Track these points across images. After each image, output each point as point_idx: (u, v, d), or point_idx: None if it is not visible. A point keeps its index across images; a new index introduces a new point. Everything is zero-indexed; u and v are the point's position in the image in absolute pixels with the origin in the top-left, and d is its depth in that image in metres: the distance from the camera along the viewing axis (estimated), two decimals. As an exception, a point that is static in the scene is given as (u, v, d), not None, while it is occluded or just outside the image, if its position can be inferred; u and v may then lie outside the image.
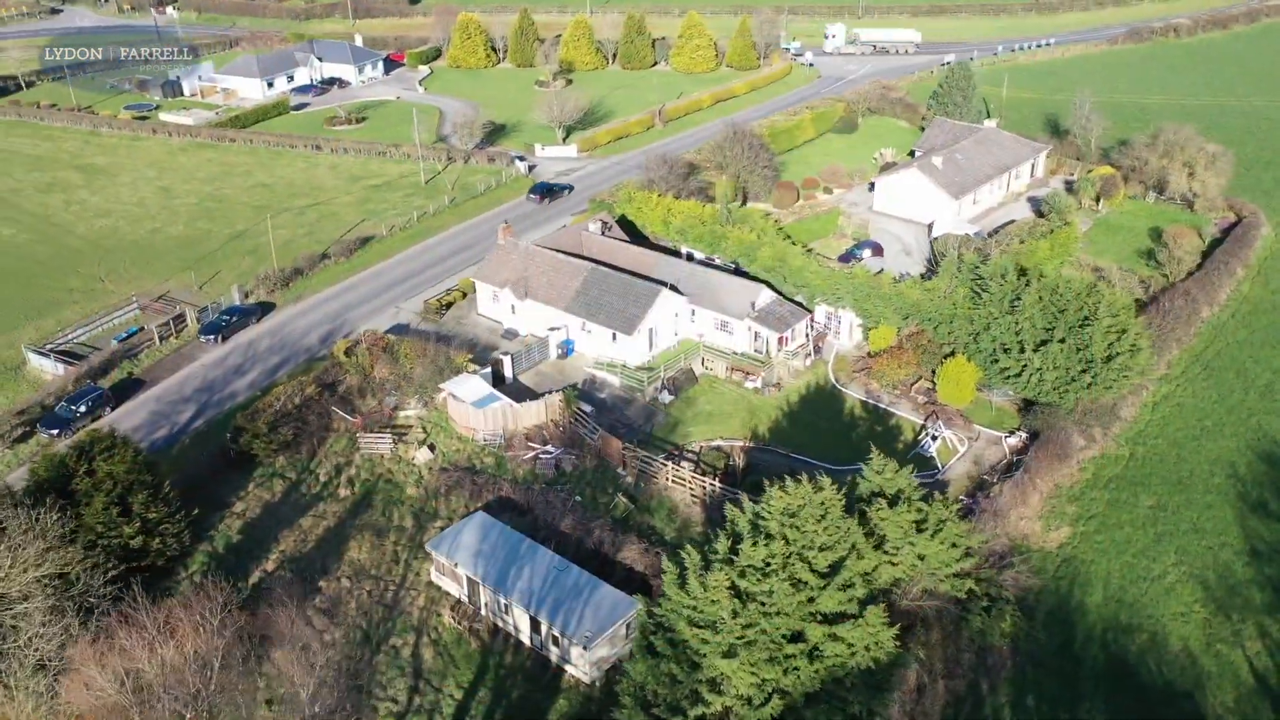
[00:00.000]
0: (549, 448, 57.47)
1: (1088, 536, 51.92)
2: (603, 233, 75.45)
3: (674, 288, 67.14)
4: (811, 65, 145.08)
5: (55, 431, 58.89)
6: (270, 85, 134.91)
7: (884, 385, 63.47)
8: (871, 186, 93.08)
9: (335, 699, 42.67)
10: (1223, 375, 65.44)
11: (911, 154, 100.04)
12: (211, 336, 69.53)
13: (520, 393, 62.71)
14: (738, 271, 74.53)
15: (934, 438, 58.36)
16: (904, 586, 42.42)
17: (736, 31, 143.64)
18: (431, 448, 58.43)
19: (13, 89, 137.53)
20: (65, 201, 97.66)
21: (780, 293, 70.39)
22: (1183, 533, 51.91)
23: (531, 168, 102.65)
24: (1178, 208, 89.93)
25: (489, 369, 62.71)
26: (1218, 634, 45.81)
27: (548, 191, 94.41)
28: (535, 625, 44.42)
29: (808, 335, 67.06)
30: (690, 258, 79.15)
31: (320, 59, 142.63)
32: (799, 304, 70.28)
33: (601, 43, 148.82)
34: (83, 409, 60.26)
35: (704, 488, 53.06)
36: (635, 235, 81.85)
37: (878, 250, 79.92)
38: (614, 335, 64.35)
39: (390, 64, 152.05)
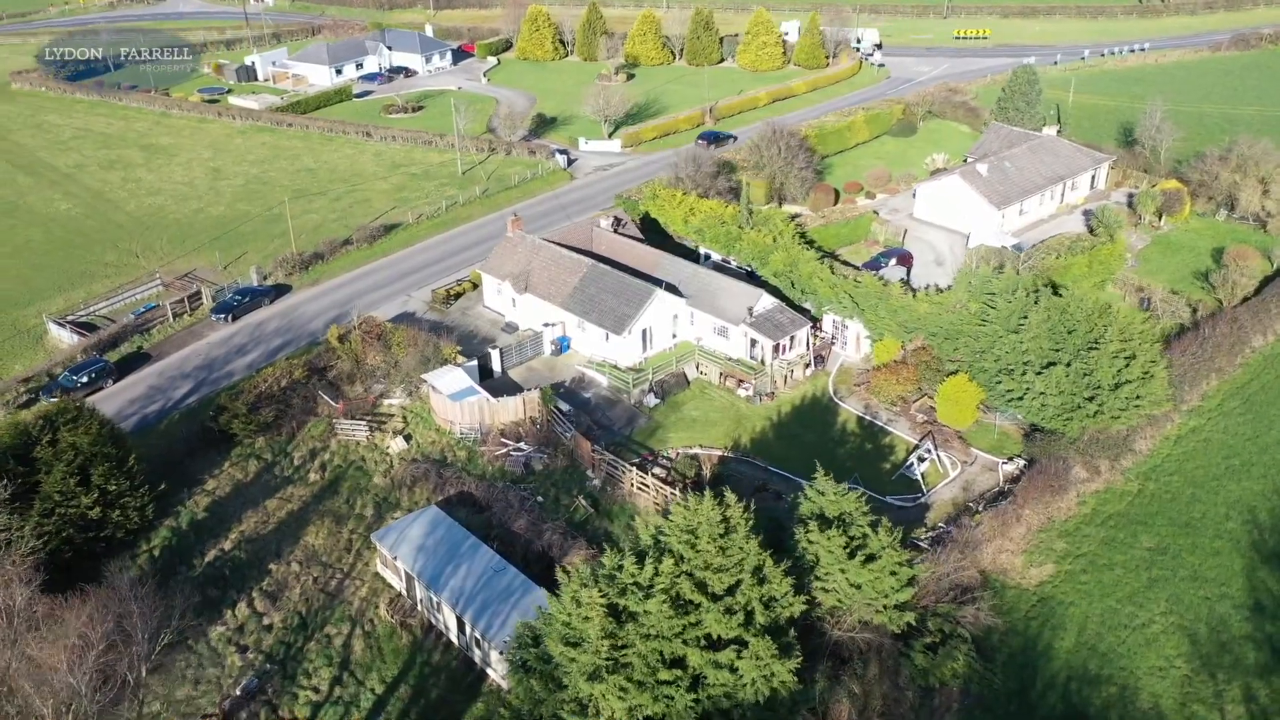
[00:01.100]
0: (522, 445, 56.54)
1: (1072, 576, 48.20)
2: (615, 229, 74.12)
3: (674, 289, 65.44)
4: (882, 65, 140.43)
5: (54, 400, 60.76)
6: (339, 72, 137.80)
7: (883, 401, 60.50)
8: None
9: (258, 683, 42.98)
10: (1264, 411, 60.13)
11: (965, 160, 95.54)
12: (223, 316, 70.94)
13: (508, 388, 62.07)
14: (751, 275, 72.39)
15: (921, 459, 55.22)
16: (838, 616, 39.98)
17: (805, 29, 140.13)
18: (407, 438, 58.20)
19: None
20: (123, 179, 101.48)
21: (788, 299, 68.04)
22: (1180, 579, 47.71)
23: (571, 161, 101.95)
24: (1249, 227, 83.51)
25: (474, 362, 62.17)
26: (1197, 693, 41.83)
27: (715, 138, 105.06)
28: (462, 625, 43.56)
29: (809, 344, 64.40)
30: (707, 258, 77.38)
31: (390, 48, 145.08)
32: (806, 312, 67.76)
33: (669, 38, 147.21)
34: (84, 379, 62.12)
35: (665, 496, 51.31)
36: (660, 233, 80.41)
37: (904, 260, 76.41)
38: (607, 334, 63.05)
39: (460, 55, 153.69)
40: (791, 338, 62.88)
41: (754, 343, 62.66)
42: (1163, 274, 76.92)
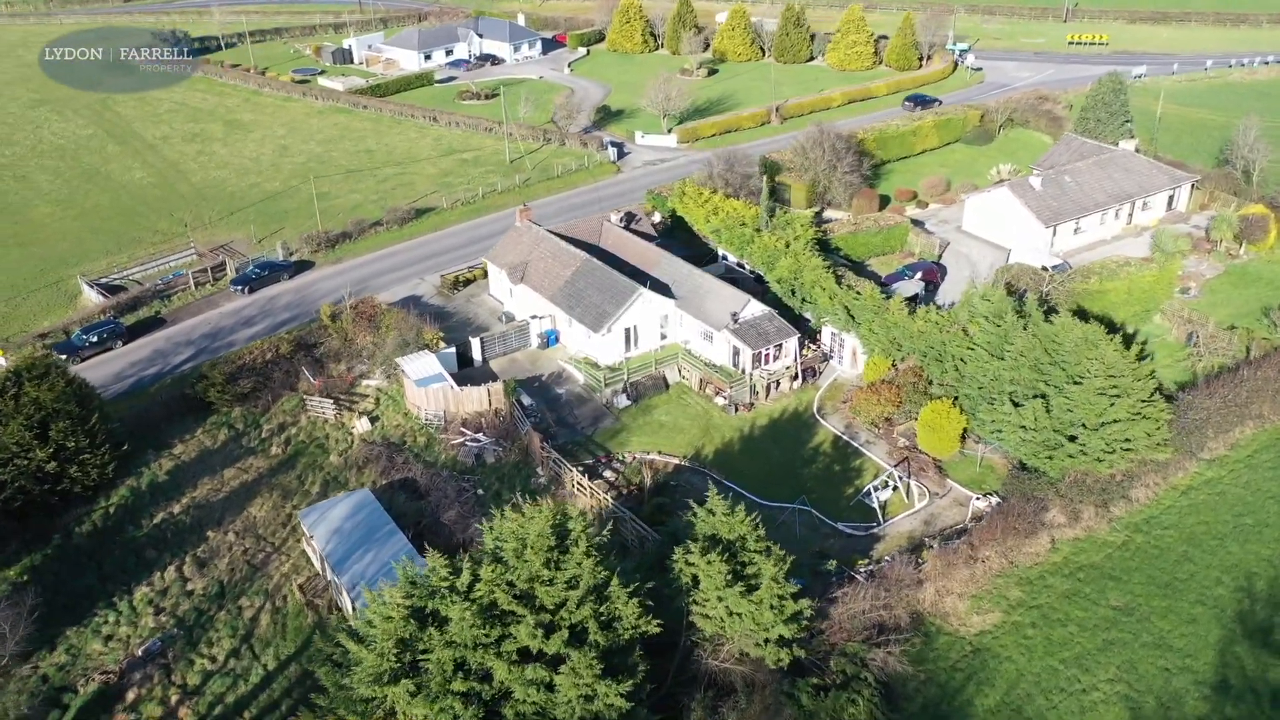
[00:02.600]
0: (480, 436, 55.99)
1: (1018, 628, 44.11)
2: (627, 225, 72.65)
3: (665, 290, 63.59)
4: (979, 69, 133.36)
5: (64, 357, 63.88)
6: (427, 58, 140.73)
7: (864, 422, 57.06)
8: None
9: (160, 646, 43.91)
10: (1300, 467, 53.87)
11: (1031, 172, 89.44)
12: (240, 287, 73.23)
13: (487, 378, 61.60)
14: (760, 280, 69.77)
15: (884, 486, 51.67)
16: (717, 644, 37.68)
17: (898, 29, 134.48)
18: (373, 419, 58.54)
19: (213, 49, 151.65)
20: (198, 152, 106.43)
21: (789, 308, 65.23)
22: (1140, 645, 42.96)
23: (622, 155, 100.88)
24: (1343, 262, 75.07)
25: (452, 349, 62.01)
26: (1121, 775, 37.64)
27: (921, 101, 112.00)
28: (354, 609, 43.26)
29: (797, 356, 61.37)
30: (724, 260, 75.14)
31: (480, 35, 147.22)
32: (806, 322, 64.77)
33: (759, 34, 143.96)
34: (94, 339, 65.19)
35: (598, 501, 49.77)
36: (687, 231, 78.56)
37: (930, 274, 72.08)
38: (589, 331, 61.80)
39: (552, 45, 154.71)
40: (777, 347, 60.04)
41: (737, 350, 60.18)
42: (1228, 307, 69.88)
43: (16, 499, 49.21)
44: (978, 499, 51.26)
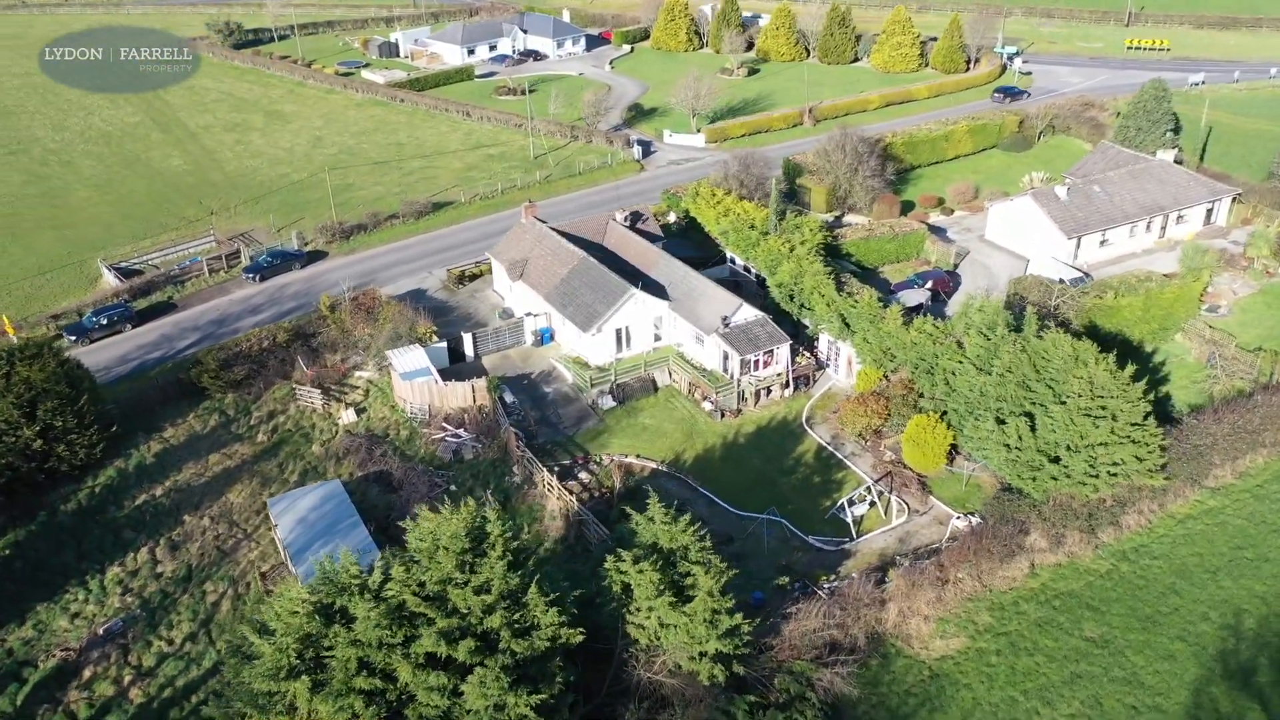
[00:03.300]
0: (460, 432, 55.95)
1: (982, 655, 42.45)
2: (633, 224, 71.98)
3: (661, 291, 62.82)
4: (1028, 73, 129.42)
5: (74, 338, 65.78)
6: (471, 53, 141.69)
7: (851, 433, 55.61)
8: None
9: (121, 626, 44.71)
10: (1312, 498, 50.99)
11: (1064, 181, 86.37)
12: (252, 275, 74.41)
13: (478, 373, 61.61)
14: (762, 285, 68.59)
15: (860, 500, 50.22)
16: (651, 655, 36.91)
17: (945, 30, 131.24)
18: (359, 411, 58.91)
19: (265, 40, 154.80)
20: (236, 141, 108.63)
21: (787, 315, 63.99)
22: (1110, 680, 41.00)
23: (648, 153, 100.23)
24: (1390, 284, 71.01)
25: (443, 344, 62.10)
26: (1069, 816, 35.90)
27: (1010, 93, 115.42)
28: (307, 602, 43.49)
29: (790, 363, 60.06)
30: (733, 262, 74.10)
31: (525, 31, 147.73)
32: (803, 329, 63.46)
33: (803, 34, 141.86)
34: (104, 322, 66.81)
35: (565, 502, 49.30)
36: (701, 232, 77.63)
37: (942, 283, 70.00)
38: (580, 330, 61.35)
39: (598, 41, 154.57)
40: (768, 353, 58.83)
41: (727, 355, 59.14)
42: (1258, 328, 66.65)
43: (4, 475, 50.56)
44: (958, 518, 49.55)
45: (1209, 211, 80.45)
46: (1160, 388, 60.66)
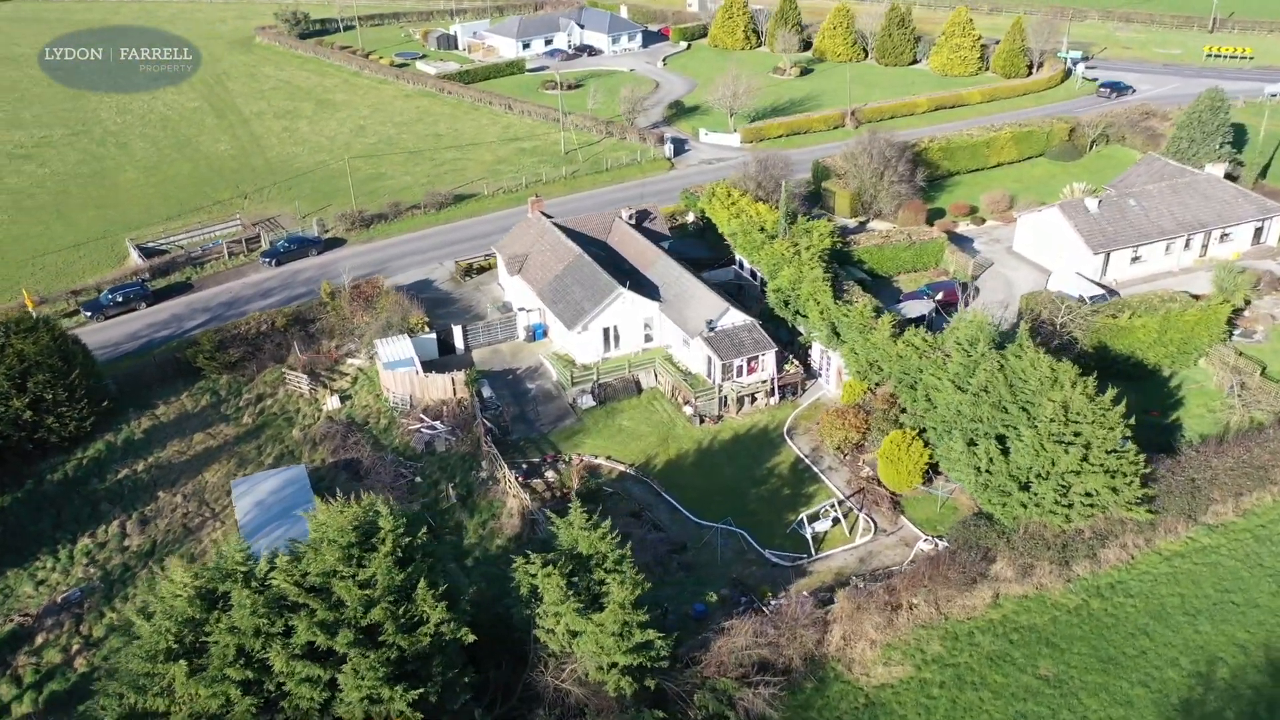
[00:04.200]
0: (436, 424, 56.07)
1: (924, 686, 40.62)
2: (639, 223, 71.18)
3: (657, 291, 61.94)
4: (1093, 79, 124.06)
5: (90, 314, 68.09)
6: (526, 46, 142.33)
7: (831, 446, 53.92)
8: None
9: (79, 595, 45.99)
10: (1319, 544, 47.48)
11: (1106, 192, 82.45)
12: (269, 260, 75.95)
13: (467, 366, 61.65)
14: (765, 288, 67.09)
15: (824, 516, 48.59)
16: (560, 662, 36.26)
17: (1007, 33, 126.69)
18: (344, 398, 59.53)
19: (331, 30, 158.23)
20: (284, 128, 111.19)
21: (782, 319, 62.50)
22: (1056, 723, 38.87)
23: (680, 151, 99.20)
24: None
25: (432, 335, 62.34)
26: None
27: (1115, 88, 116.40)
28: (251, 585, 44.03)
29: (776, 371, 58.54)
30: (740, 265, 72.77)
31: (581, 26, 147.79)
32: (797, 334, 61.88)
33: (862, 34, 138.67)
34: (119, 299, 68.97)
35: (521, 500, 48.93)
36: (716, 233, 76.45)
37: (953, 294, 67.41)
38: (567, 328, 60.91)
39: (656, 37, 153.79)
40: (753, 359, 57.46)
41: (710, 359, 57.95)
42: (1295, 357, 62.54)
43: (-10, 441, 52.53)
44: (924, 541, 47.56)
45: (1258, 231, 75.78)
46: (1171, 415, 57.45)
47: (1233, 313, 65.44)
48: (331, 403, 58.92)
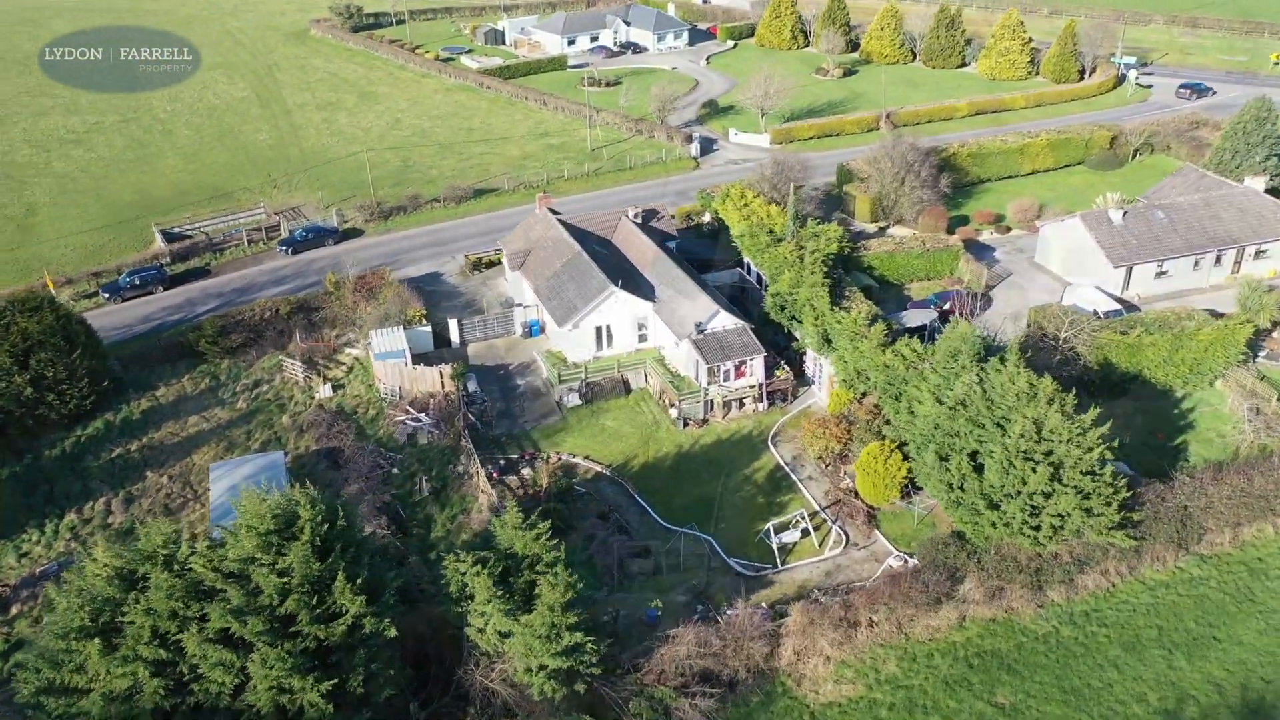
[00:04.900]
0: (421, 416, 56.42)
1: (874, 707, 39.52)
2: (645, 222, 70.69)
3: (653, 291, 61.46)
4: (1148, 85, 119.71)
5: (108, 295, 70.12)
6: (571, 43, 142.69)
7: (812, 455, 52.87)
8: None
9: (57, 569, 47.28)
10: (1318, 581, 45.04)
11: (1139, 204, 79.38)
12: (286, 248, 77.34)
13: (460, 360, 61.99)
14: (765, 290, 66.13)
15: (794, 527, 47.58)
16: (490, 662, 36.12)
17: (1058, 37, 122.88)
18: (336, 387, 60.27)
19: (384, 24, 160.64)
20: (324, 119, 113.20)
21: (778, 324, 61.54)
22: (1005, 753, 37.48)
23: (707, 151, 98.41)
24: None
25: (428, 327, 62.76)
26: None
27: (1196, 89, 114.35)
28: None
29: (764, 376, 57.57)
30: (746, 268, 71.82)
31: (628, 23, 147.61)
32: (792, 339, 60.85)
33: (910, 35, 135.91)
34: (136, 282, 70.91)
35: (489, 497, 48.93)
36: (728, 235, 75.63)
37: (961, 305, 65.49)
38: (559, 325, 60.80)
39: (703, 36, 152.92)
40: (741, 364, 56.62)
41: (697, 362, 57.27)
42: (1323, 382, 59.43)
43: (-9, 416, 54.36)
44: (894, 558, 46.29)
45: (1298, 248, 72.17)
46: (1179, 438, 55.04)
47: (1259, 334, 62.60)
48: (324, 391, 59.70)
